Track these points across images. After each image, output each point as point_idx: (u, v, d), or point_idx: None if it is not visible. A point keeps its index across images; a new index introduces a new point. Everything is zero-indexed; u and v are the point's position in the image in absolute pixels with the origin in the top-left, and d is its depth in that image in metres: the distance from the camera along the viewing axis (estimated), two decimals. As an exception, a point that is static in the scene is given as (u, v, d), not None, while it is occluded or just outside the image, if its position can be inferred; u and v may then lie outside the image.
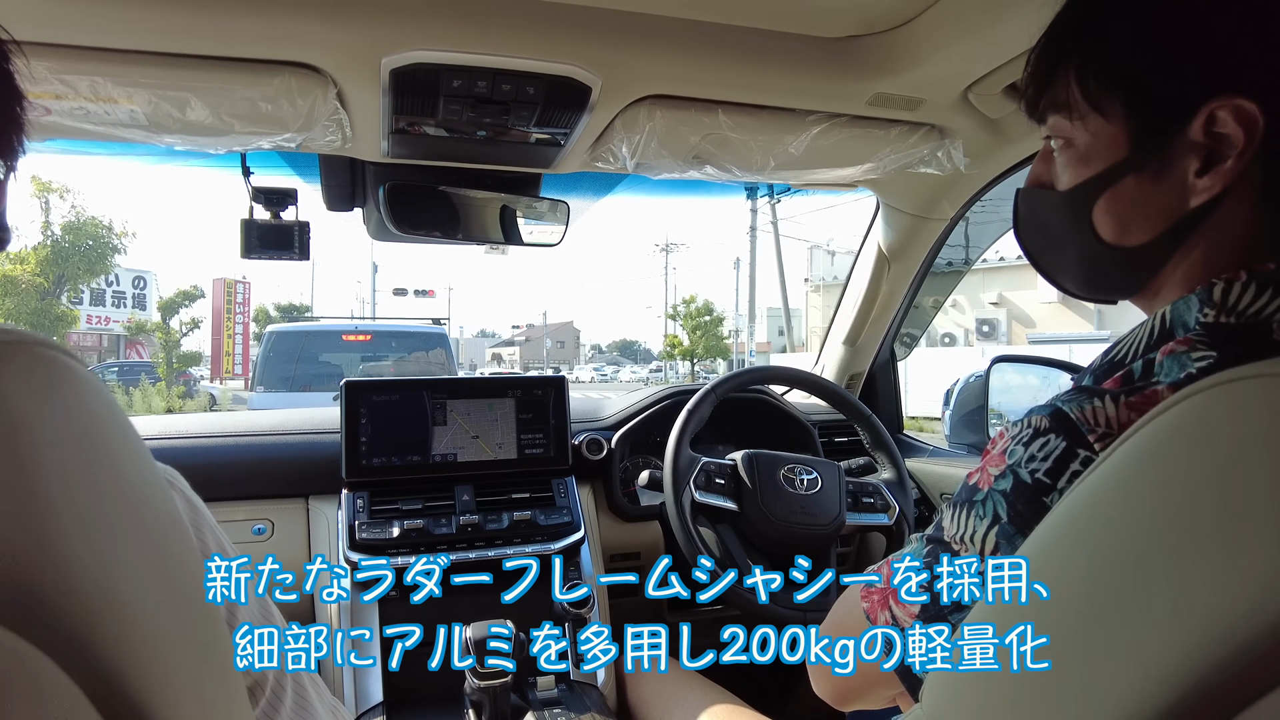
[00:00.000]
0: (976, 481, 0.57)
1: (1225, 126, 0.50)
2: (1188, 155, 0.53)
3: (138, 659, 0.33)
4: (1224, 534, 0.33)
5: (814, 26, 1.00)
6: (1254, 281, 0.51)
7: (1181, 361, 0.50)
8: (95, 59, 0.89)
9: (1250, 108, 0.49)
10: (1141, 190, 0.56)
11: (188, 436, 1.42)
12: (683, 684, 1.25)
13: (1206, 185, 0.52)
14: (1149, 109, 0.54)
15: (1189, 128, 0.52)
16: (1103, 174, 0.57)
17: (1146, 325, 0.56)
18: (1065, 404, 0.53)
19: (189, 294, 19.31)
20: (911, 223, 1.58)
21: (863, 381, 1.90)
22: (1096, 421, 0.51)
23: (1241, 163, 0.51)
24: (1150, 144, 0.54)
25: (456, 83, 0.98)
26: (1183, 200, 0.54)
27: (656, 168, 1.22)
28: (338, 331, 8.02)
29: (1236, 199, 0.53)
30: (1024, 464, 0.53)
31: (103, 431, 0.37)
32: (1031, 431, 0.54)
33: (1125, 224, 0.58)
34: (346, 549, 1.29)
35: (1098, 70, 0.56)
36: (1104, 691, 0.35)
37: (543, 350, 55.70)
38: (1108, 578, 0.38)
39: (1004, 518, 0.54)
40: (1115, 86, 0.55)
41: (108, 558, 0.34)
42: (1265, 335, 0.50)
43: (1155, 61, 0.54)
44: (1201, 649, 0.31)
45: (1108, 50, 0.56)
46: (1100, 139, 0.57)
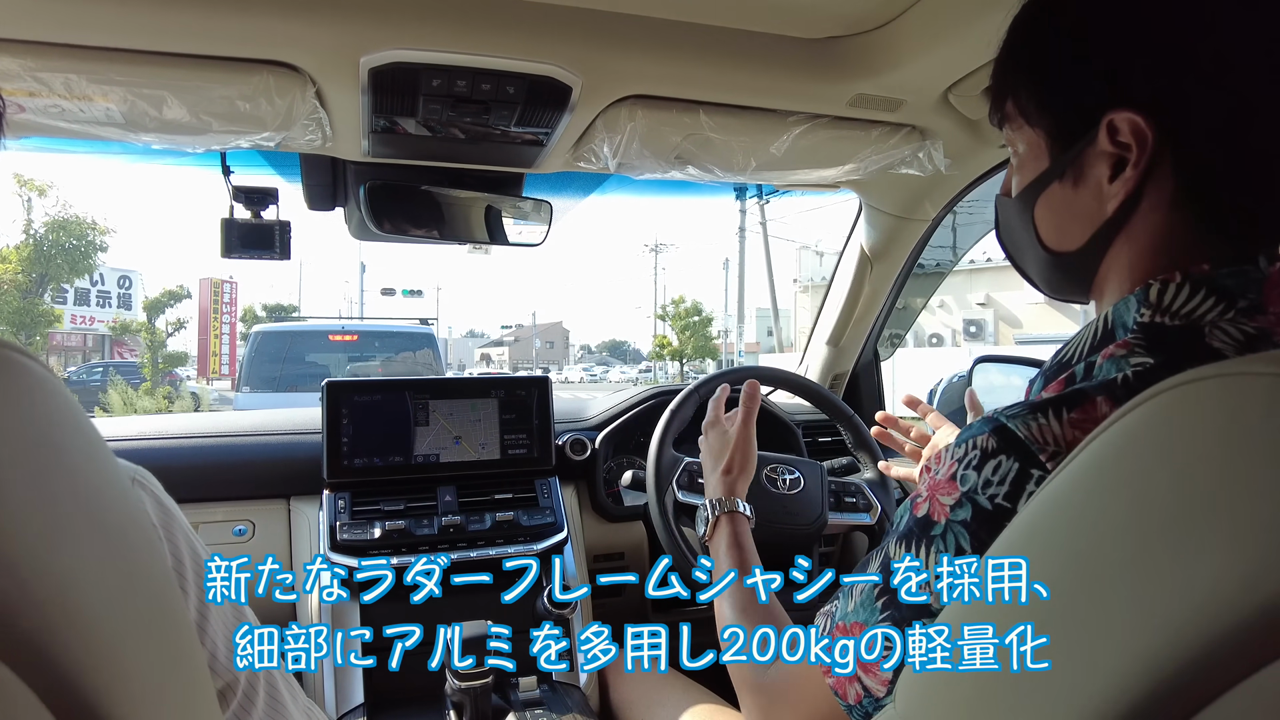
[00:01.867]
0: (928, 513, 0.55)
1: (1125, 136, 0.54)
2: (1099, 163, 0.57)
3: (96, 663, 0.32)
4: (1184, 535, 0.34)
5: (795, 27, 1.00)
6: (1188, 283, 0.54)
7: (1119, 364, 0.52)
8: (70, 56, 0.88)
9: (1137, 119, 0.53)
10: (1066, 197, 0.60)
11: (167, 437, 1.41)
12: (665, 684, 1.25)
13: (1115, 191, 0.56)
14: (1060, 120, 0.59)
15: (1097, 138, 0.56)
16: (1035, 181, 0.62)
17: (1092, 326, 0.59)
18: (1010, 421, 0.52)
19: (175, 294, 19.12)
20: (893, 223, 1.58)
21: (846, 381, 1.90)
22: (1045, 440, 0.51)
23: (1139, 169, 0.54)
24: (1066, 154, 0.59)
25: (436, 82, 0.97)
26: (1101, 205, 0.58)
27: (638, 168, 1.22)
28: (324, 332, 8.00)
29: (1151, 205, 0.56)
30: (980, 490, 0.52)
31: (61, 433, 0.37)
32: (979, 454, 0.53)
33: (1060, 229, 0.62)
34: (328, 550, 1.28)
35: (1025, 86, 0.61)
36: (1068, 691, 0.35)
37: (532, 350, 55.61)
38: (1071, 580, 0.39)
39: (967, 549, 0.52)
40: (1038, 101, 0.60)
41: (66, 562, 0.33)
42: (1199, 338, 0.52)
43: (1061, 78, 0.59)
44: (1162, 651, 0.32)
45: (1030, 69, 0.61)
46: (1031, 148, 0.62)
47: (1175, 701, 0.31)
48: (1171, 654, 0.31)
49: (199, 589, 0.55)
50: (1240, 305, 0.53)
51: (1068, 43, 0.58)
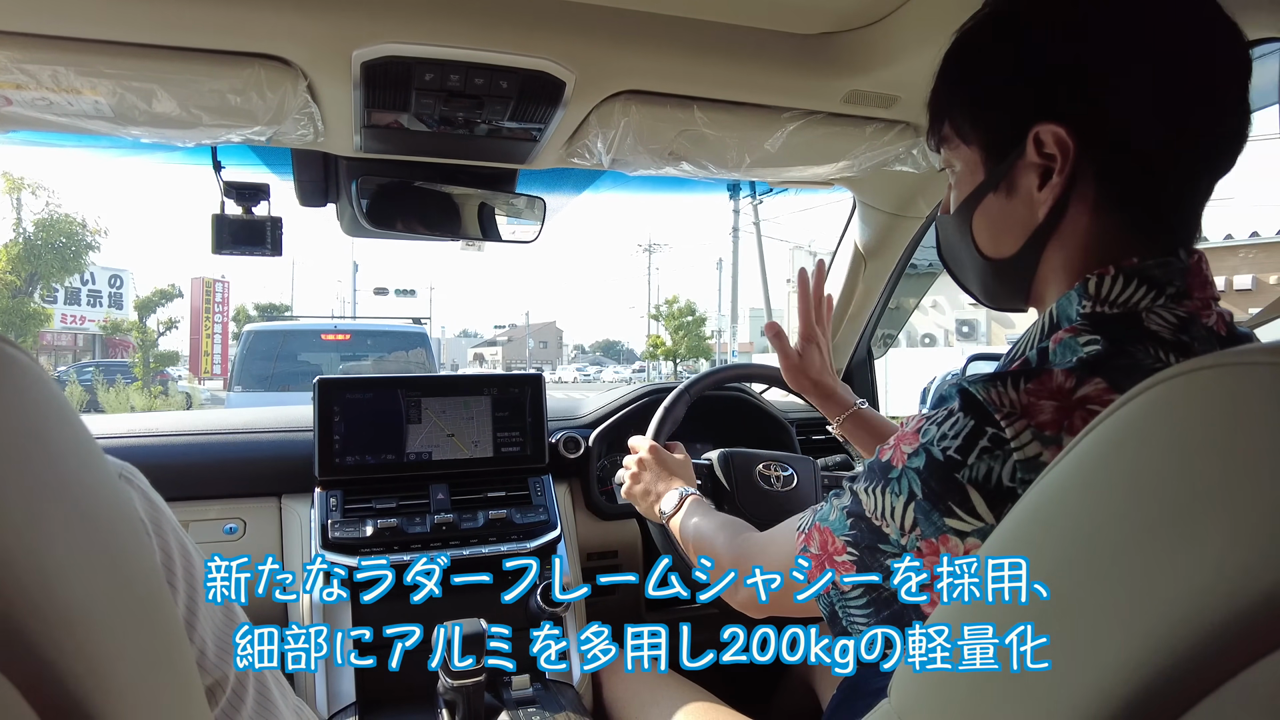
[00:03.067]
0: (890, 459, 0.61)
1: (1050, 147, 0.60)
2: (1029, 173, 0.62)
3: (83, 660, 0.32)
4: (1184, 525, 0.33)
5: (789, 23, 1.00)
6: (1121, 275, 0.59)
7: (1071, 346, 0.57)
8: (58, 48, 0.87)
9: (1059, 131, 0.59)
10: (1001, 206, 0.66)
11: (159, 435, 1.40)
12: (659, 683, 1.25)
13: (1045, 198, 0.62)
14: (992, 135, 0.65)
15: (1025, 150, 0.61)
16: (972, 195, 0.68)
17: (1038, 323, 0.64)
18: (972, 386, 0.57)
19: (166, 293, 18.89)
20: (888, 221, 1.58)
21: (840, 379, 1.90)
22: (1001, 403, 0.55)
23: (1064, 176, 0.60)
24: (999, 166, 0.64)
25: (429, 76, 0.97)
26: (1033, 212, 0.63)
27: (632, 164, 1.22)
28: (317, 331, 7.96)
29: (1078, 209, 0.61)
30: (936, 442, 0.57)
31: (48, 426, 0.36)
32: (945, 413, 0.58)
33: (996, 238, 0.68)
34: (319, 548, 1.28)
35: (961, 106, 0.67)
36: (1065, 683, 0.35)
37: (525, 350, 55.54)
38: (1070, 570, 0.39)
39: (919, 494, 0.57)
40: (972, 119, 0.66)
41: (52, 557, 0.33)
42: (1137, 322, 0.58)
43: (992, 97, 0.64)
44: (1161, 642, 0.31)
45: (965, 91, 0.67)
46: (968, 165, 0.68)
47: (1172, 693, 0.31)
48: (1171, 645, 0.31)
49: (188, 586, 0.54)
50: (1169, 292, 0.58)
51: (997, 64, 0.64)
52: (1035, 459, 0.53)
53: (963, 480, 0.55)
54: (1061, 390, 0.54)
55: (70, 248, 16.64)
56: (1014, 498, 0.53)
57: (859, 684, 1.20)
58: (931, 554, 0.57)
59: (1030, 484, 0.49)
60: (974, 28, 0.66)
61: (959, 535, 0.56)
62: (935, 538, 0.57)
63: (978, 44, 0.66)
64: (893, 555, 0.61)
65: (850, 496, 0.65)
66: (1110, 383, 0.53)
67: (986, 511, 0.54)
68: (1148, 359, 0.55)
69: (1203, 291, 0.60)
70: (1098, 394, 0.53)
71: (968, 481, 0.55)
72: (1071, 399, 0.53)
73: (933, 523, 0.57)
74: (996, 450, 0.54)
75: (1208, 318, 0.59)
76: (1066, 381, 0.54)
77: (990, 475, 0.54)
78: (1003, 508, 0.54)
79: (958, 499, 0.55)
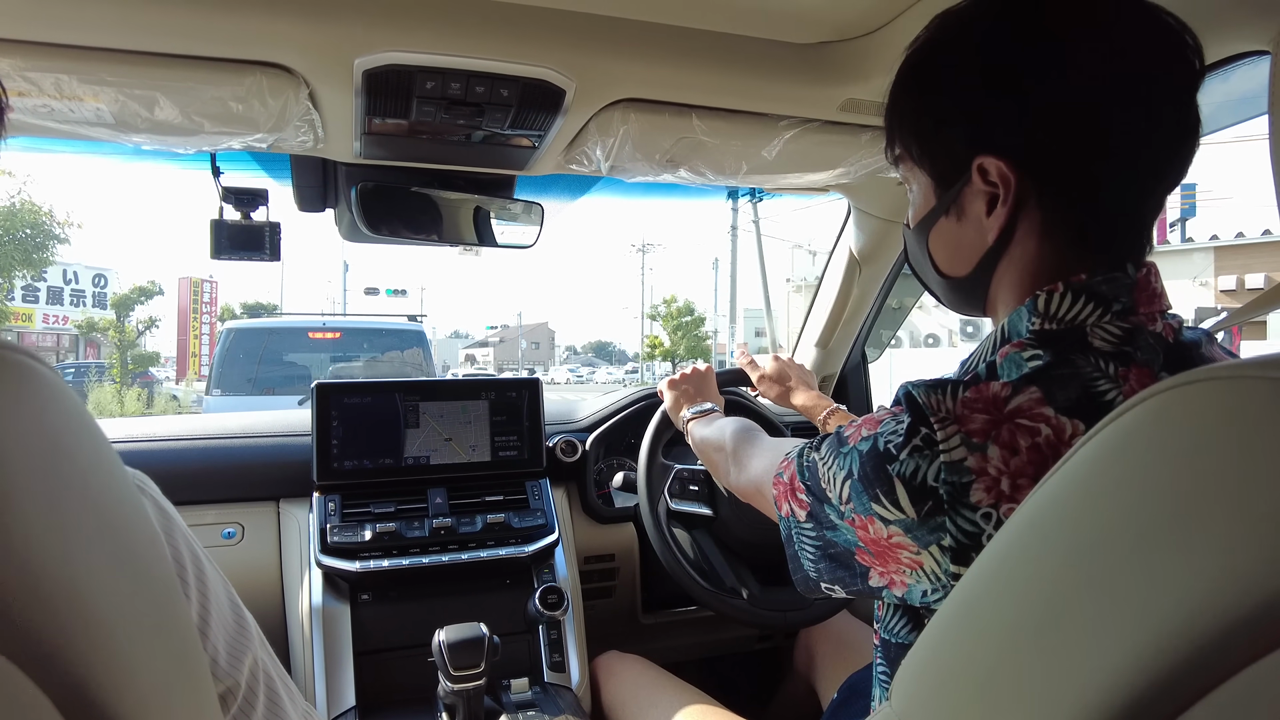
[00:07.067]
0: (849, 435, 0.65)
1: (994, 177, 0.62)
2: (976, 200, 0.65)
3: (107, 668, 0.32)
4: (1180, 534, 0.34)
5: (787, 32, 1.01)
6: (1070, 291, 0.61)
7: (1016, 361, 0.60)
8: (61, 56, 0.87)
9: (1000, 163, 0.61)
10: (953, 230, 0.69)
11: (155, 439, 1.39)
12: (658, 686, 1.26)
13: (993, 224, 0.64)
14: (939, 165, 0.67)
15: (971, 179, 0.64)
16: (926, 217, 0.71)
17: (991, 336, 0.67)
18: (915, 389, 0.60)
19: (146, 290, 17.89)
20: (882, 227, 1.60)
21: (834, 383, 1.92)
22: (938, 408, 0.58)
23: (1008, 205, 0.63)
24: (948, 193, 0.67)
25: (430, 84, 0.97)
26: (983, 236, 0.66)
27: (630, 171, 1.22)
28: (304, 329, 7.18)
29: (1025, 232, 0.64)
30: (882, 434, 0.61)
31: (71, 438, 0.37)
32: (894, 410, 0.63)
33: (951, 258, 0.71)
34: (318, 553, 1.28)
35: (910, 135, 0.69)
36: (1065, 687, 0.36)
37: (517, 351, 55.43)
38: (1071, 576, 0.40)
39: (854, 474, 0.62)
40: (919, 148, 0.68)
41: (78, 566, 0.33)
42: (1082, 338, 0.60)
43: (936, 130, 0.66)
44: (1159, 648, 0.32)
45: (913, 121, 0.69)
46: (921, 187, 0.71)
47: (1170, 696, 0.32)
48: (1168, 651, 0.32)
49: (200, 594, 0.54)
50: (1115, 308, 0.61)
51: (937, 99, 0.66)
52: (960, 463, 0.56)
53: (892, 473, 0.59)
54: (996, 401, 0.57)
55: (34, 239, 15.39)
56: (935, 497, 0.57)
57: (859, 684, 1.21)
58: (863, 529, 0.62)
59: (951, 486, 0.56)
60: (919, 53, 0.68)
61: (883, 522, 0.60)
62: (865, 516, 0.61)
63: (922, 74, 0.68)
64: (834, 520, 0.65)
65: (816, 453, 0.69)
66: (1045, 392, 0.56)
67: (909, 506, 0.58)
68: (1088, 367, 0.58)
69: (1149, 306, 0.62)
70: (1030, 405, 0.56)
71: (896, 475, 0.58)
72: (1003, 411, 0.56)
73: (863, 503, 0.61)
74: (926, 450, 0.57)
75: (1154, 326, 0.61)
76: (1002, 392, 0.57)
77: (917, 473, 0.57)
78: (924, 505, 0.57)
79: (885, 489, 0.59)
